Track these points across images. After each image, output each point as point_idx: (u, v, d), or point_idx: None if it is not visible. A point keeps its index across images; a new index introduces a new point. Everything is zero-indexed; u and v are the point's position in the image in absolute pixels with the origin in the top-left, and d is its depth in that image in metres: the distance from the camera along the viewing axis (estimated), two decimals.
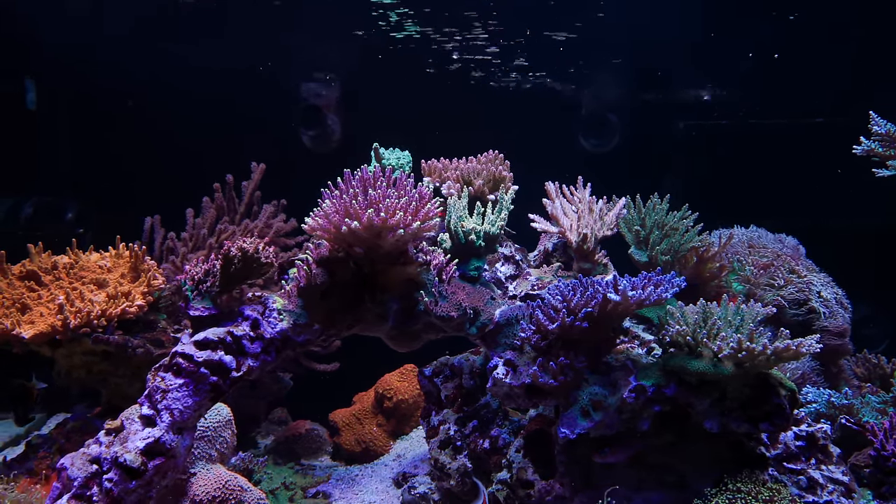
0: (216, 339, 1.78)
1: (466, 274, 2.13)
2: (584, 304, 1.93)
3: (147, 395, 1.75)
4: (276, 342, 1.87)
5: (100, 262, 2.53)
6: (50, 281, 2.43)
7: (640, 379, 1.95)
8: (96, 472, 1.67)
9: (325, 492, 2.77)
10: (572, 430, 1.95)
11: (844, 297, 2.75)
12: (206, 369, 1.74)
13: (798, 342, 1.73)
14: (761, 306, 1.99)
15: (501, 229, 2.16)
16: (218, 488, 2.14)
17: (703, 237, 2.47)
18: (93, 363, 2.40)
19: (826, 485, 1.89)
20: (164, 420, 1.70)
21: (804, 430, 2.04)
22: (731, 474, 1.88)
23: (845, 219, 3.72)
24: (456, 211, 2.11)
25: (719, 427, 1.88)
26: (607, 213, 2.35)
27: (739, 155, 3.96)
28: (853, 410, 2.10)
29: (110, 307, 2.31)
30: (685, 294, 2.48)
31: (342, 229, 1.76)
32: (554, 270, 2.31)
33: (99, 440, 1.73)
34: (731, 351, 1.77)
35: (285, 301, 1.91)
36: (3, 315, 2.24)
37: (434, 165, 2.49)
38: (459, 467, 2.49)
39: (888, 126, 2.06)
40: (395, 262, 1.92)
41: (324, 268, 1.91)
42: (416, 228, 1.77)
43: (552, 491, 2.15)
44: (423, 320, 2.00)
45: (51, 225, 3.49)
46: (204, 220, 2.82)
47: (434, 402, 2.76)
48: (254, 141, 3.74)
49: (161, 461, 1.67)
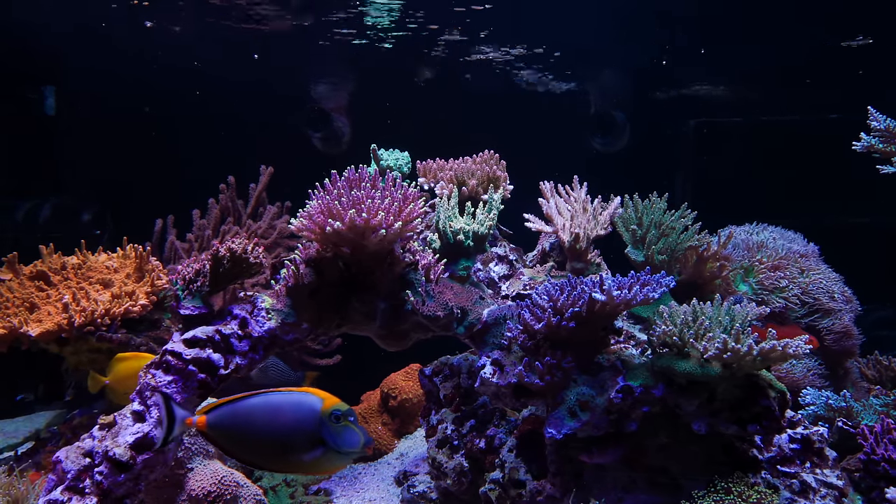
0: (205, 337, 1.83)
1: (456, 274, 2.14)
2: (571, 303, 1.92)
3: (138, 391, 1.80)
4: (264, 340, 1.90)
5: (107, 263, 2.61)
6: (59, 281, 2.52)
7: (628, 379, 1.94)
8: (89, 465, 1.73)
9: (327, 489, 2.81)
10: (559, 430, 1.94)
11: (853, 296, 2.68)
12: (194, 367, 1.79)
13: (784, 343, 1.69)
14: (755, 306, 1.96)
15: (490, 229, 2.16)
16: (214, 483, 2.18)
17: (702, 236, 2.44)
18: (99, 360, 2.47)
19: (819, 489, 1.85)
20: (152, 416, 1.75)
21: (799, 432, 2.00)
22: (723, 477, 1.86)
23: (863, 217, 3.63)
24: (445, 211, 2.12)
25: (707, 429, 1.85)
26: (601, 213, 2.34)
27: (753, 153, 3.89)
28: (852, 413, 2.05)
29: (114, 306, 2.38)
30: (687, 294, 2.45)
31: (326, 230, 1.79)
32: (547, 270, 2.31)
33: (92, 435, 1.79)
34: (717, 351, 1.75)
35: (274, 300, 1.94)
36: (12, 313, 2.34)
37: (429, 166, 2.50)
38: (456, 466, 2.50)
39: (887, 122, 2.00)
40: (382, 262, 1.94)
41: (312, 267, 1.94)
42: (399, 229, 1.78)
43: (543, 491, 2.15)
44: (411, 320, 2.02)
45: (68, 226, 3.61)
46: (208, 221, 2.89)
47: (433, 401, 2.77)
48: (269, 144, 3.81)
49: (149, 456, 1.72)
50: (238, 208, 2.91)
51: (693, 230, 2.44)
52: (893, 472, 1.64)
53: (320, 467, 1.40)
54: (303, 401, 1.38)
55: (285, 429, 1.36)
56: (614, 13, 3.47)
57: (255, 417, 1.36)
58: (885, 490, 1.63)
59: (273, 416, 1.36)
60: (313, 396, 1.39)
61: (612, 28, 3.60)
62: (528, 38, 3.72)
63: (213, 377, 1.81)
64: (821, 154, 3.56)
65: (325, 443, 1.35)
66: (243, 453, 1.40)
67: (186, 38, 3.77)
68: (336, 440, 1.35)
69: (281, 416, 1.36)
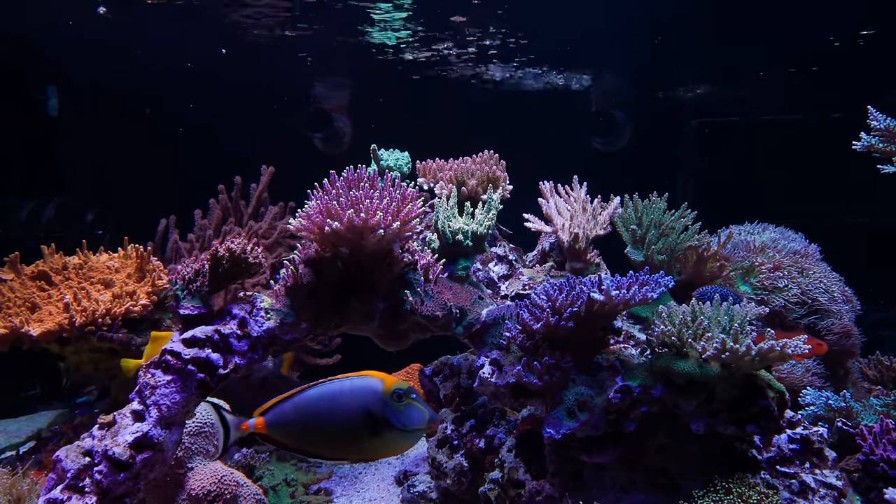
0: (204, 337, 1.83)
1: (455, 274, 2.14)
2: (570, 303, 1.92)
3: (138, 390, 1.81)
4: (263, 340, 1.91)
5: (108, 263, 2.62)
6: (60, 281, 2.53)
7: (626, 379, 1.94)
8: (88, 464, 1.73)
9: (327, 489, 2.82)
10: (557, 430, 1.94)
11: (854, 296, 2.67)
12: (193, 366, 1.79)
13: (783, 343, 1.69)
14: (755, 306, 1.95)
15: (489, 229, 2.16)
16: (214, 483, 2.19)
17: (702, 236, 2.43)
18: (100, 360, 2.49)
19: (818, 489, 1.84)
20: (151, 415, 1.75)
21: (799, 433, 2.00)
22: (723, 477, 1.86)
23: (865, 217, 3.61)
24: (443, 211, 2.12)
25: (706, 429, 1.85)
26: (601, 213, 2.33)
27: (756, 152, 3.88)
28: (852, 413, 2.05)
29: (115, 306, 2.39)
30: (688, 294, 2.45)
31: (325, 230, 1.79)
32: (546, 270, 2.31)
33: (92, 434, 1.80)
34: (715, 352, 1.74)
35: (273, 300, 1.95)
36: (13, 313, 2.35)
37: (429, 166, 2.51)
38: (455, 466, 2.50)
39: (887, 121, 2.00)
40: (381, 262, 1.94)
41: (311, 267, 1.95)
42: (397, 228, 1.79)
43: (542, 491, 2.14)
44: (410, 320, 2.02)
45: (71, 226, 3.63)
46: (210, 221, 2.90)
47: (434, 401, 2.78)
48: (272, 145, 3.82)
49: (149, 455, 1.72)
50: (239, 208, 2.92)
51: (693, 230, 2.44)
52: (892, 472, 1.64)
53: (388, 449, 1.39)
54: (363, 385, 1.37)
55: (349, 415, 1.35)
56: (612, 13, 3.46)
57: (317, 409, 1.36)
58: (884, 491, 1.63)
59: (334, 404, 1.35)
60: (373, 379, 1.38)
61: (611, 27, 3.60)
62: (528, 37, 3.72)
63: (212, 377, 1.82)
64: (822, 154, 3.55)
65: (390, 423, 1.34)
66: (307, 447, 1.40)
67: (188, 39, 3.78)
68: (401, 419, 1.34)
69: (342, 403, 1.35)
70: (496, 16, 3.53)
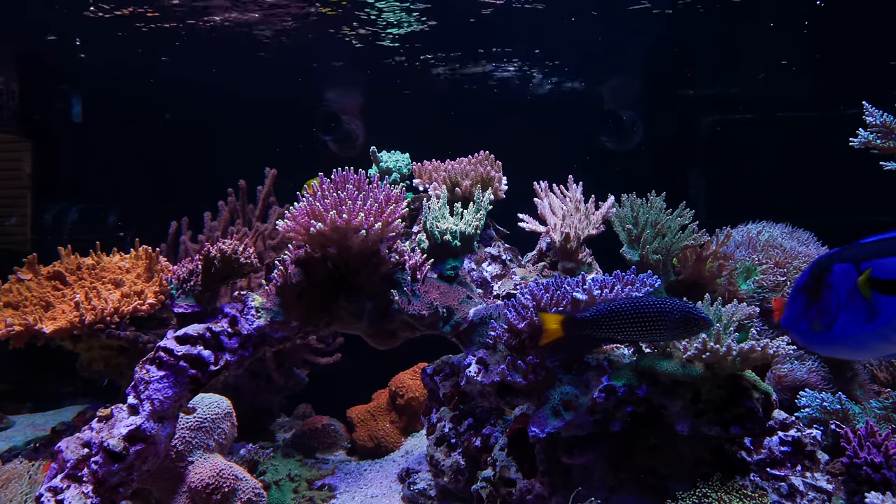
0: (195, 334, 1.90)
1: (444, 273, 2.17)
2: (554, 303, 1.93)
3: (133, 385, 1.88)
4: (254, 338, 1.97)
5: (119, 263, 2.73)
6: (74, 280, 2.64)
7: (612, 379, 1.93)
8: (86, 454, 1.82)
9: (331, 485, 2.87)
10: (542, 429, 1.95)
11: None
12: (185, 363, 1.86)
13: (764, 343, 1.67)
14: (745, 306, 1.93)
15: (477, 230, 2.18)
16: (213, 476, 2.26)
17: (699, 236, 2.41)
18: (110, 356, 2.59)
19: (807, 492, 1.81)
20: (145, 409, 1.83)
21: (791, 435, 1.96)
22: (711, 478, 1.84)
23: (876, 216, 3.51)
24: (432, 212, 2.15)
25: (690, 430, 1.84)
26: (594, 212, 2.33)
27: (770, 150, 3.80)
28: (848, 416, 2.00)
29: (123, 305, 2.49)
30: (689, 294, 2.43)
31: (310, 231, 1.84)
32: (539, 270, 2.32)
33: (91, 426, 1.89)
34: (696, 351, 1.74)
35: (264, 299, 2.01)
36: (29, 311, 2.47)
37: (425, 167, 2.54)
38: (452, 464, 2.53)
39: (884, 116, 1.95)
40: (368, 262, 1.98)
41: (300, 267, 2.00)
42: (379, 229, 1.82)
43: (532, 490, 2.15)
44: (399, 319, 2.06)
45: (93, 228, 3.77)
46: (219, 223, 2.98)
47: (434, 399, 2.81)
48: (285, 149, 3.91)
49: (142, 447, 1.80)
50: (246, 210, 3.00)
51: (691, 229, 2.41)
52: (876, 476, 1.60)
53: None
54: None
55: None
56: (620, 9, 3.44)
57: None
58: (866, 495, 1.59)
59: None
60: None
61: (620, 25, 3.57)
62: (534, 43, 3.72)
63: (204, 373, 1.89)
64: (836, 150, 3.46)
65: None
66: None
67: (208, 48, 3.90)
68: None
69: None
70: (507, 24, 3.55)
